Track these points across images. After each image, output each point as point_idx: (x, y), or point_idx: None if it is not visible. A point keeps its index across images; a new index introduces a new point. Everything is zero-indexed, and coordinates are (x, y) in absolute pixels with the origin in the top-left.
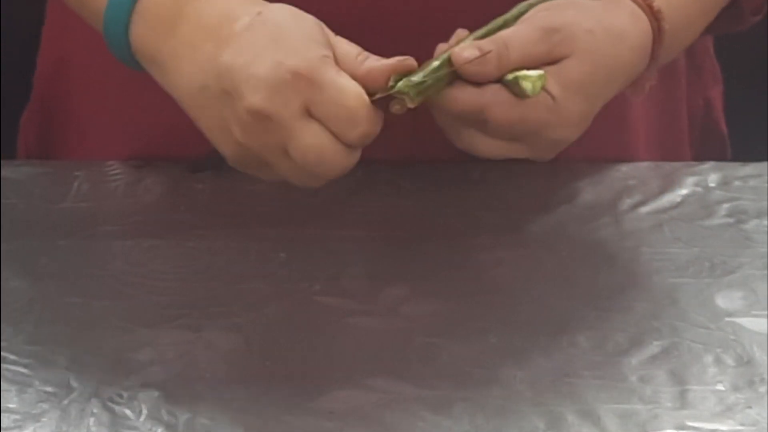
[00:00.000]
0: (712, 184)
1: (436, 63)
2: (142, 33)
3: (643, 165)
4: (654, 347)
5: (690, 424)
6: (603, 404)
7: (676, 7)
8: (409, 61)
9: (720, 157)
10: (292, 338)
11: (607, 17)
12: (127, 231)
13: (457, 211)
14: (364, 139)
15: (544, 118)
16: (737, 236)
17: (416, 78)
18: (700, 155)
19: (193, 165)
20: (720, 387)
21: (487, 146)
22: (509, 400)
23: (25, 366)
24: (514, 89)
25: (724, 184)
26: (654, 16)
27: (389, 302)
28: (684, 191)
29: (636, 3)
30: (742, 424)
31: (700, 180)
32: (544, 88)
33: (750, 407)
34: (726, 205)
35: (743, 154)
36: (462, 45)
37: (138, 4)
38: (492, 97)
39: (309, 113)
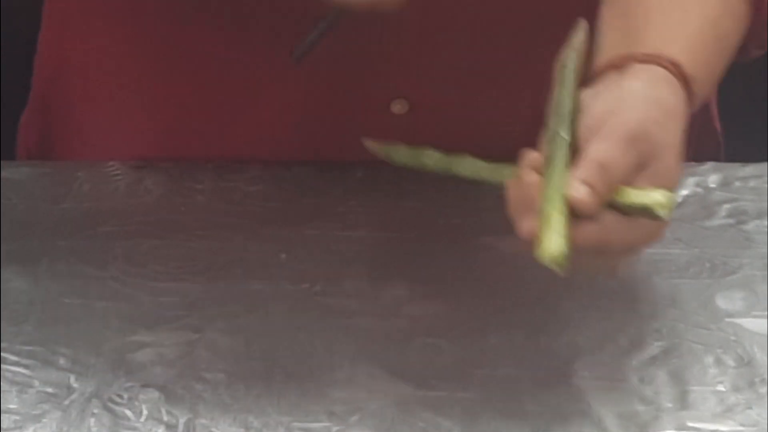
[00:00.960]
0: (712, 185)
1: (551, 206)
2: None
3: None
4: (654, 348)
5: (690, 424)
6: (603, 405)
7: (701, 66)
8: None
9: (714, 154)
10: (293, 339)
11: (657, 97)
12: (128, 231)
13: (457, 211)
14: None
15: (653, 226)
16: (737, 237)
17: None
18: (697, 153)
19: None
20: (720, 388)
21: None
22: (509, 400)
23: (25, 367)
24: (638, 212)
25: (724, 184)
26: (686, 81)
27: (390, 303)
28: (684, 192)
29: (668, 71)
30: (742, 425)
31: (700, 180)
32: None
33: (750, 408)
34: (726, 206)
35: (743, 154)
36: (573, 186)
37: None
38: (610, 230)
39: None
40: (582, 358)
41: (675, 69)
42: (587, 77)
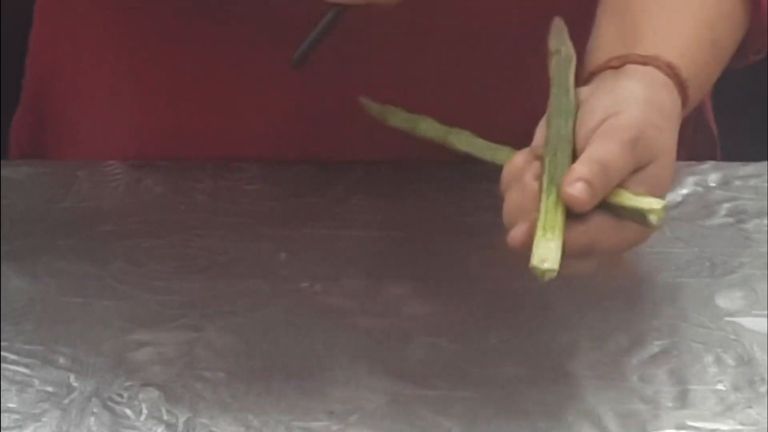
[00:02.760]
0: (712, 184)
1: (549, 203)
2: None
3: None
4: (654, 347)
5: (690, 423)
6: (603, 404)
7: (697, 70)
8: None
9: (710, 155)
10: (293, 338)
11: (656, 100)
12: (127, 231)
13: (457, 211)
14: None
15: (641, 232)
16: (737, 236)
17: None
18: (693, 154)
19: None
20: (720, 387)
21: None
22: (509, 399)
23: (25, 366)
24: (629, 215)
25: (724, 183)
26: (681, 85)
27: (389, 302)
28: (684, 191)
29: (664, 73)
30: (742, 424)
31: (700, 180)
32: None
33: (750, 407)
34: (726, 205)
35: (741, 154)
36: (569, 181)
37: None
38: (598, 231)
39: None
40: (582, 357)
41: (671, 72)
42: (582, 76)
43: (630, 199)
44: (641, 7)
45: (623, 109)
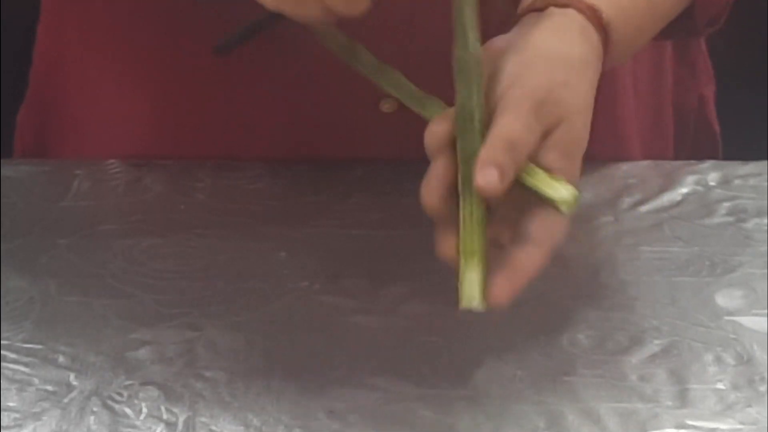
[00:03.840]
0: (712, 183)
1: (467, 216)
2: None
3: (643, 164)
4: (654, 346)
5: (690, 423)
6: (603, 403)
7: (625, 18)
8: None
9: (712, 154)
10: (293, 337)
11: (566, 53)
12: (127, 230)
13: None
14: None
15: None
16: (737, 235)
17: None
18: (695, 153)
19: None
20: (720, 386)
21: None
22: (509, 398)
23: (25, 365)
24: (544, 199)
25: (724, 182)
26: (603, 29)
27: (389, 301)
28: (684, 190)
29: (584, 15)
30: (742, 423)
31: (700, 179)
32: (547, 166)
33: (750, 406)
34: (726, 204)
35: (741, 154)
36: (479, 168)
37: None
38: (530, 268)
39: None
40: (581, 356)
41: (592, 14)
42: (512, 20)
43: (544, 183)
44: None
45: (525, 73)
